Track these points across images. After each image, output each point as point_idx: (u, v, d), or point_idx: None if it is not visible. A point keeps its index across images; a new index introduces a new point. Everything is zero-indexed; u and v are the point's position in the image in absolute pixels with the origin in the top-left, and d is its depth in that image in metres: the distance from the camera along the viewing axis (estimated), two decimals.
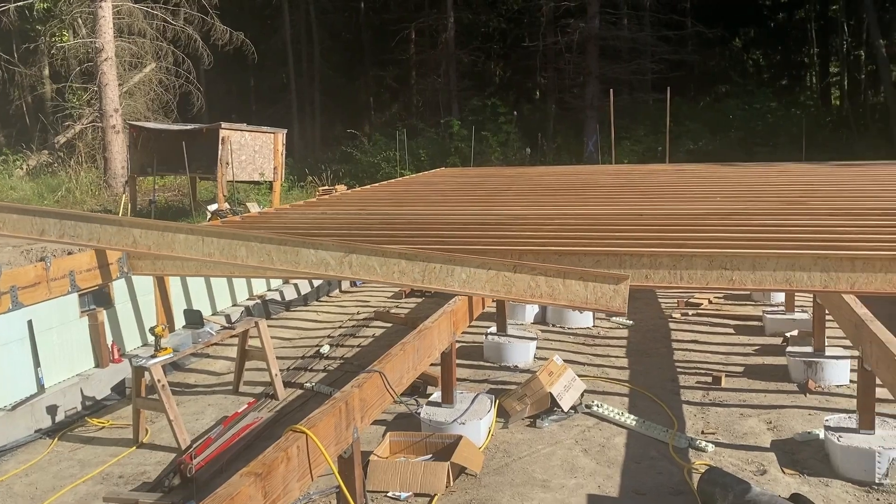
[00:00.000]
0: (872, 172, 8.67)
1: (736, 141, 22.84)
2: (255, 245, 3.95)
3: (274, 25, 31.43)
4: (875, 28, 24.49)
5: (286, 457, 3.09)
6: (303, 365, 7.33)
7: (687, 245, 4.34)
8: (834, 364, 6.33)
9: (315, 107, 30.90)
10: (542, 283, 3.61)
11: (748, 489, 4.11)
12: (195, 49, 22.76)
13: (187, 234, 4.10)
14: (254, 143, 14.66)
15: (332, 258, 3.80)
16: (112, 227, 4.22)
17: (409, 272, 3.69)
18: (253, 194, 18.23)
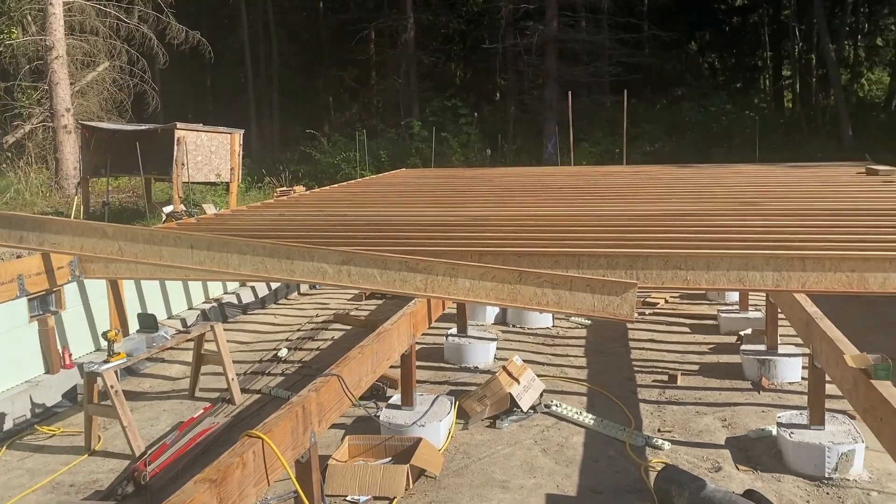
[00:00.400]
0: (823, 173, 8.89)
1: (692, 142, 23.23)
2: (248, 252, 3.85)
3: (231, 25, 31.04)
4: (825, 33, 25.13)
5: (242, 462, 3.04)
6: (260, 369, 7.24)
7: (643, 245, 4.39)
8: (786, 362, 6.47)
9: (273, 107, 30.60)
10: (548, 291, 3.58)
11: (703, 486, 4.18)
12: (150, 48, 22.35)
13: (176, 241, 3.98)
14: (210, 144, 14.46)
15: (329, 267, 3.72)
16: (95, 236, 4.09)
17: (412, 281, 3.64)
18: (209, 196, 17.96)
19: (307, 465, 3.60)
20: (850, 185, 7.27)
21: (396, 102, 29.15)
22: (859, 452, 4.72)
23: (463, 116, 24.10)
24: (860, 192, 6.67)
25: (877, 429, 3.54)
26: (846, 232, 4.79)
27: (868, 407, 3.66)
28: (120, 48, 22.37)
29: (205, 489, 2.78)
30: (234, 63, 30.41)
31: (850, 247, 4.32)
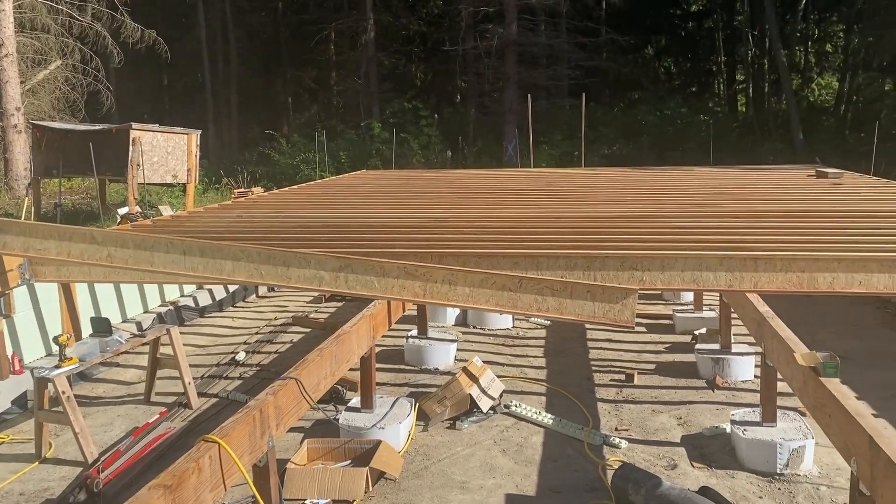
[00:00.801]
0: (774, 176, 9.09)
1: (648, 145, 23.59)
2: (243, 257, 3.77)
3: (188, 24, 30.61)
4: (777, 39, 25.73)
5: (198, 467, 3.00)
6: (218, 373, 7.15)
7: (600, 247, 4.44)
8: (739, 360, 6.60)
9: (231, 107, 30.24)
10: (549, 297, 3.58)
11: (659, 484, 4.24)
12: (104, 46, 21.91)
13: (168, 246, 3.88)
14: (167, 145, 14.23)
15: (325, 272, 3.66)
16: (84, 242, 3.96)
17: (410, 288, 3.60)
18: (166, 197, 17.67)
19: (265, 469, 3.57)
20: (801, 188, 7.46)
21: (356, 103, 29.05)
22: (809, 448, 4.84)
23: (423, 118, 24.13)
24: (810, 195, 6.85)
25: (825, 425, 3.63)
26: (797, 233, 4.91)
27: (817, 404, 3.76)
28: (73, 46, 21.89)
29: (159, 495, 2.73)
30: (191, 62, 29.99)
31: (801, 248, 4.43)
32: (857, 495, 3.18)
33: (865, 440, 3.03)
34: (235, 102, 30.26)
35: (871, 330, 8.21)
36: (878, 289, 4.31)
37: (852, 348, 7.43)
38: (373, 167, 20.63)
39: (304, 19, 30.15)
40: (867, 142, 17.65)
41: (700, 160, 19.08)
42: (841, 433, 3.36)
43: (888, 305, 9.08)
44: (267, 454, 3.57)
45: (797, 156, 21.41)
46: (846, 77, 28.76)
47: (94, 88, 22.60)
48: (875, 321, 8.56)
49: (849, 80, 28.45)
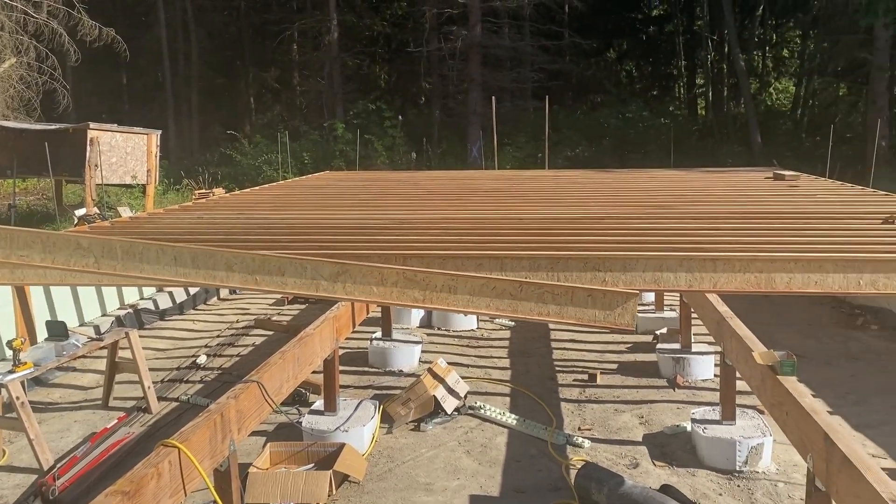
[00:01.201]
0: (733, 178, 9.25)
1: (610, 148, 23.85)
2: (237, 263, 3.69)
3: (148, 22, 30.11)
4: (735, 44, 26.22)
5: (157, 473, 2.95)
6: (178, 377, 7.04)
7: (564, 248, 4.48)
8: (699, 360, 6.70)
9: (192, 107, 29.82)
10: (549, 302, 3.57)
11: (621, 482, 4.28)
12: (60, 44, 21.42)
13: (158, 252, 3.78)
14: (126, 145, 13.98)
15: (324, 280, 3.59)
16: (68, 249, 3.83)
17: (409, 293, 3.56)
18: (125, 198, 17.37)
19: (226, 473, 3.52)
20: (759, 190, 7.60)
21: (320, 104, 28.89)
22: (767, 446, 4.93)
23: (388, 119, 24.07)
24: (768, 196, 6.98)
25: (782, 422, 3.70)
26: (755, 234, 5.00)
27: (775, 402, 3.83)
28: (28, 44, 21.36)
29: (117, 502, 2.68)
30: (151, 62, 29.51)
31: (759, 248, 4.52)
32: (814, 491, 3.24)
33: (821, 437, 3.10)
34: (196, 102, 29.84)
35: (826, 329, 8.40)
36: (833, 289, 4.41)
37: (809, 347, 7.60)
38: (336, 168, 20.52)
39: (266, 19, 29.86)
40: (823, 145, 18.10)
41: (661, 162, 19.34)
42: (797, 430, 3.43)
43: (843, 305, 9.30)
44: (228, 458, 3.53)
45: (755, 158, 21.83)
46: (802, 81, 29.43)
47: (51, 87, 22.10)
48: (830, 320, 8.76)
49: (805, 85, 29.12)
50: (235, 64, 32.32)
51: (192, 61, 29.75)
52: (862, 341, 7.87)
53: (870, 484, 2.64)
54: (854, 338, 8.00)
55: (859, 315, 8.79)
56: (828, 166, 14.77)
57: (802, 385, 3.72)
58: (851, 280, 4.36)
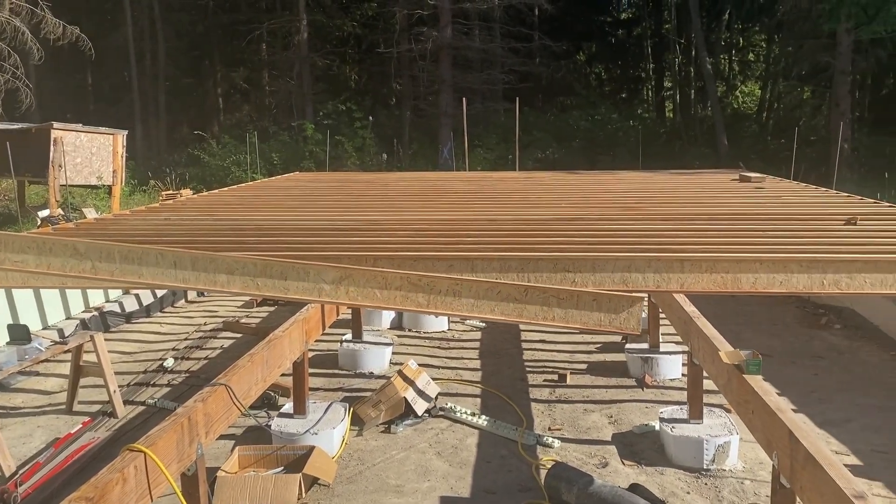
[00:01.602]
0: (700, 180, 9.37)
1: (580, 150, 24.03)
2: (238, 268, 3.62)
3: (114, 21, 29.65)
4: (702, 48, 26.57)
5: (122, 478, 2.90)
6: (145, 380, 6.94)
7: (534, 249, 4.50)
8: (667, 359, 6.78)
9: (160, 107, 29.42)
10: (554, 306, 3.56)
11: (591, 482, 4.31)
12: (23, 42, 20.99)
13: (158, 257, 3.68)
14: (91, 145, 13.76)
15: (326, 283, 3.54)
16: (65, 254, 3.72)
17: (413, 298, 3.52)
18: (90, 199, 17.08)
19: (194, 477, 3.48)
20: (725, 191, 7.70)
21: (289, 104, 28.69)
22: (734, 444, 4.99)
23: (358, 120, 23.98)
24: (734, 198, 7.08)
25: (748, 420, 3.76)
26: (721, 235, 5.07)
27: (741, 400, 3.88)
28: None
29: None
30: (117, 61, 29.05)
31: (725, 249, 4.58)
32: (779, 488, 3.29)
33: (785, 434, 3.15)
34: (164, 102, 29.45)
35: (791, 328, 8.54)
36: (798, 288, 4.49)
37: (774, 346, 7.72)
38: (306, 169, 20.40)
39: (235, 18, 29.59)
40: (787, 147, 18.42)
41: (629, 164, 19.55)
42: (763, 428, 3.48)
43: (807, 304, 9.47)
44: (196, 462, 3.48)
45: (722, 161, 22.15)
46: (768, 85, 29.93)
47: (13, 86, 21.63)
48: (795, 320, 8.91)
49: (770, 88, 29.62)
50: (203, 63, 31.96)
51: (160, 61, 29.35)
52: (825, 340, 8.01)
53: (833, 480, 2.69)
54: (818, 337, 8.15)
55: (823, 314, 8.95)
56: (792, 168, 15.04)
57: (768, 384, 3.78)
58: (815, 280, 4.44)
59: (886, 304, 7.72)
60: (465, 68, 26.10)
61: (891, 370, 6.93)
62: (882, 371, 6.91)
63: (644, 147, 22.46)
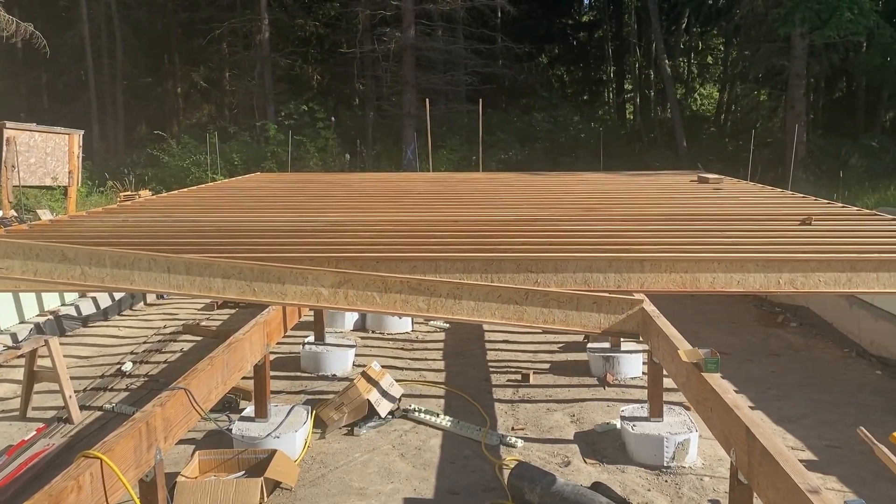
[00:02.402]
0: (660, 181, 9.51)
1: (542, 151, 24.20)
2: (233, 274, 3.53)
3: (70, 18, 29.00)
4: (661, 51, 26.96)
5: (77, 485, 2.84)
6: (102, 385, 6.80)
7: (497, 250, 4.52)
8: (628, 358, 6.86)
9: (117, 107, 28.86)
10: (555, 310, 3.55)
11: (553, 481, 4.34)
12: None
13: (150, 262, 3.57)
14: (45, 145, 13.45)
15: (324, 288, 3.48)
16: (53, 260, 3.58)
17: (413, 302, 3.48)
18: (45, 200, 16.68)
19: (152, 483, 3.42)
20: (684, 193, 7.83)
21: (251, 104, 28.37)
22: (693, 441, 5.07)
23: (320, 120, 23.82)
24: (693, 199, 7.20)
25: (707, 418, 3.81)
26: (680, 235, 5.15)
27: (700, 398, 3.94)
28: None
29: None
30: (73, 59, 28.42)
31: (684, 249, 4.65)
32: (737, 484, 3.35)
33: (742, 431, 3.20)
34: (122, 102, 28.90)
35: (749, 326, 8.71)
36: (755, 287, 4.58)
37: (732, 344, 7.86)
38: (267, 170, 20.21)
39: (195, 17, 29.17)
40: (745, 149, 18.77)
41: (591, 166, 19.74)
42: (721, 425, 3.54)
43: (764, 303, 9.66)
44: (155, 468, 3.42)
45: (681, 162, 22.51)
46: (726, 88, 30.49)
47: None
48: (752, 318, 9.09)
49: (728, 91, 30.17)
50: (162, 63, 31.44)
51: (117, 59, 28.81)
52: (782, 338, 8.18)
53: (788, 476, 2.74)
54: (775, 335, 8.32)
55: (780, 313, 9.14)
56: (749, 169, 15.34)
57: (726, 381, 3.84)
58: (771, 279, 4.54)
59: (840, 302, 7.91)
60: (428, 69, 26.10)
61: (844, 367, 7.10)
62: (836, 368, 7.07)
63: (605, 148, 22.71)
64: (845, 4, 19.28)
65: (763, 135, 25.77)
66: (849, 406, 6.05)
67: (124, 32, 29.19)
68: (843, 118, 26.92)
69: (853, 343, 7.59)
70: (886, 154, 21.49)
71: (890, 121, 26.78)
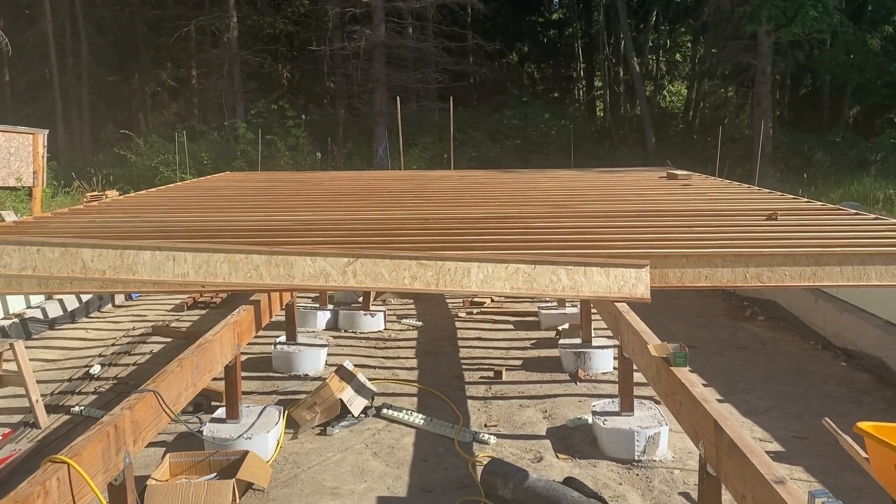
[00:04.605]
0: (629, 178, 9.60)
1: (513, 149, 24.29)
2: (240, 259, 3.43)
3: (32, 16, 28.46)
4: (630, 48, 27.18)
5: (44, 491, 2.79)
6: (70, 388, 6.70)
7: (469, 247, 4.53)
8: (599, 353, 6.91)
9: (83, 106, 28.40)
10: (563, 276, 3.51)
11: (526, 477, 4.37)
12: None
13: (154, 252, 3.46)
14: (8, 145, 13.18)
15: (332, 267, 3.40)
16: (54, 251, 3.45)
17: (422, 276, 3.42)
18: (9, 202, 16.37)
19: (121, 487, 3.38)
20: (653, 189, 7.91)
21: (220, 103, 28.08)
22: (664, 435, 5.13)
23: (291, 118, 23.65)
24: (662, 195, 7.28)
25: (676, 412, 3.86)
26: (650, 231, 5.21)
27: (669, 392, 3.99)
28: None
29: None
30: (36, 57, 27.89)
31: (653, 245, 4.71)
32: (705, 476, 3.40)
33: (711, 424, 3.25)
34: (87, 101, 28.43)
35: (717, 320, 8.83)
36: (722, 282, 4.65)
37: (701, 338, 7.96)
38: (237, 169, 20.03)
39: (162, 15, 28.80)
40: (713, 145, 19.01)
41: (562, 163, 19.88)
42: (689, 418, 3.58)
43: (732, 297, 9.79)
44: (124, 472, 3.38)
45: (650, 158, 22.72)
46: (694, 85, 30.84)
47: None
48: (721, 312, 9.21)
49: (696, 88, 30.52)
50: (129, 61, 30.98)
51: (82, 57, 28.33)
52: (750, 331, 8.31)
53: (755, 467, 2.79)
54: (743, 328, 8.44)
55: (747, 306, 9.28)
56: (717, 166, 15.54)
57: (694, 375, 3.89)
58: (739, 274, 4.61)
59: (806, 295, 8.05)
60: (399, 67, 26.04)
61: (810, 359, 7.23)
62: (802, 360, 7.20)
63: (576, 146, 22.86)
64: (810, 2, 19.62)
65: (730, 131, 26.14)
66: (814, 397, 6.17)
67: (89, 30, 28.72)
68: (808, 115, 27.41)
69: (819, 335, 7.73)
70: (850, 150, 21.93)
71: (853, 117, 27.31)
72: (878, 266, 4.50)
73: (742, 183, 9.22)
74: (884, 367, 6.57)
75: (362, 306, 8.82)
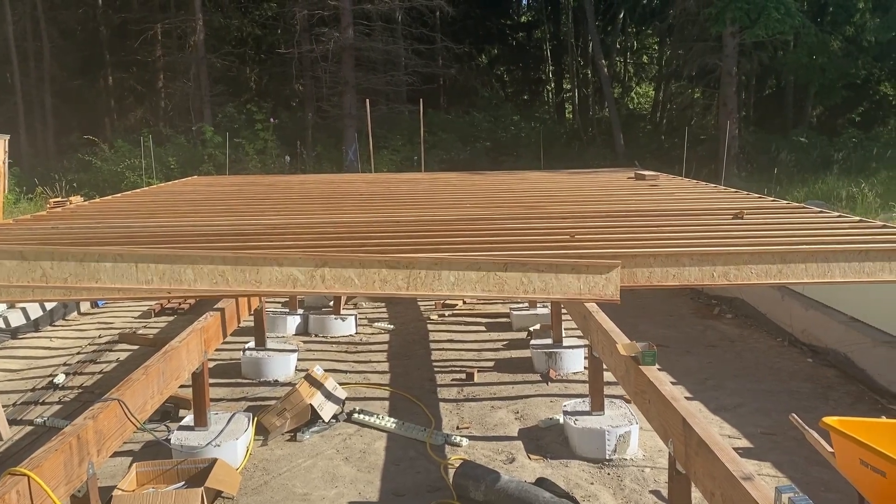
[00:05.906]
0: (598, 179, 9.65)
1: (483, 151, 24.34)
2: (205, 266, 3.34)
3: None
4: (598, 51, 27.41)
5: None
6: (33, 398, 6.56)
7: (440, 250, 4.51)
8: (570, 353, 6.94)
9: (46, 110, 27.88)
10: (534, 278, 3.48)
11: (498, 478, 4.36)
12: None
13: (115, 258, 3.35)
14: None
15: (300, 272, 3.32)
16: (11, 261, 3.32)
17: (392, 280, 3.36)
18: None
19: (85, 499, 3.31)
20: (622, 189, 7.96)
21: (186, 107, 27.73)
22: (634, 433, 5.16)
23: (259, 122, 23.45)
24: (630, 196, 7.32)
25: (646, 410, 3.89)
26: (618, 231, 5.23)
27: (638, 391, 4.01)
28: None
29: None
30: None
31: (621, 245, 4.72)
32: (675, 474, 3.42)
33: (679, 422, 3.27)
34: (51, 105, 27.93)
35: (685, 319, 8.91)
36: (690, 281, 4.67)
37: (670, 336, 8.03)
38: (205, 173, 19.80)
39: (127, 18, 28.37)
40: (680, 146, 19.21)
41: (531, 165, 19.95)
42: (659, 417, 3.61)
43: (700, 296, 9.90)
44: (87, 483, 3.31)
45: (618, 160, 22.92)
46: (661, 86, 31.18)
47: None
48: (689, 310, 9.30)
49: (663, 90, 30.86)
50: (93, 65, 30.48)
51: (45, 61, 27.80)
52: (718, 329, 8.40)
53: (723, 464, 2.81)
54: (711, 326, 8.53)
55: (715, 305, 9.39)
56: (684, 166, 15.71)
57: (663, 373, 3.93)
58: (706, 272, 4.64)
59: (772, 293, 8.16)
60: (368, 69, 25.95)
61: (777, 356, 7.33)
62: (770, 357, 7.30)
63: (545, 147, 22.97)
64: (772, 4, 19.94)
65: (697, 132, 26.47)
66: (782, 393, 6.25)
67: (51, 34, 28.20)
68: (773, 115, 27.84)
69: (785, 332, 7.85)
70: (814, 149, 22.32)
71: (817, 117, 27.81)
72: (842, 263, 4.55)
73: (709, 182, 9.32)
74: (849, 363, 6.68)
75: (333, 310, 8.76)
